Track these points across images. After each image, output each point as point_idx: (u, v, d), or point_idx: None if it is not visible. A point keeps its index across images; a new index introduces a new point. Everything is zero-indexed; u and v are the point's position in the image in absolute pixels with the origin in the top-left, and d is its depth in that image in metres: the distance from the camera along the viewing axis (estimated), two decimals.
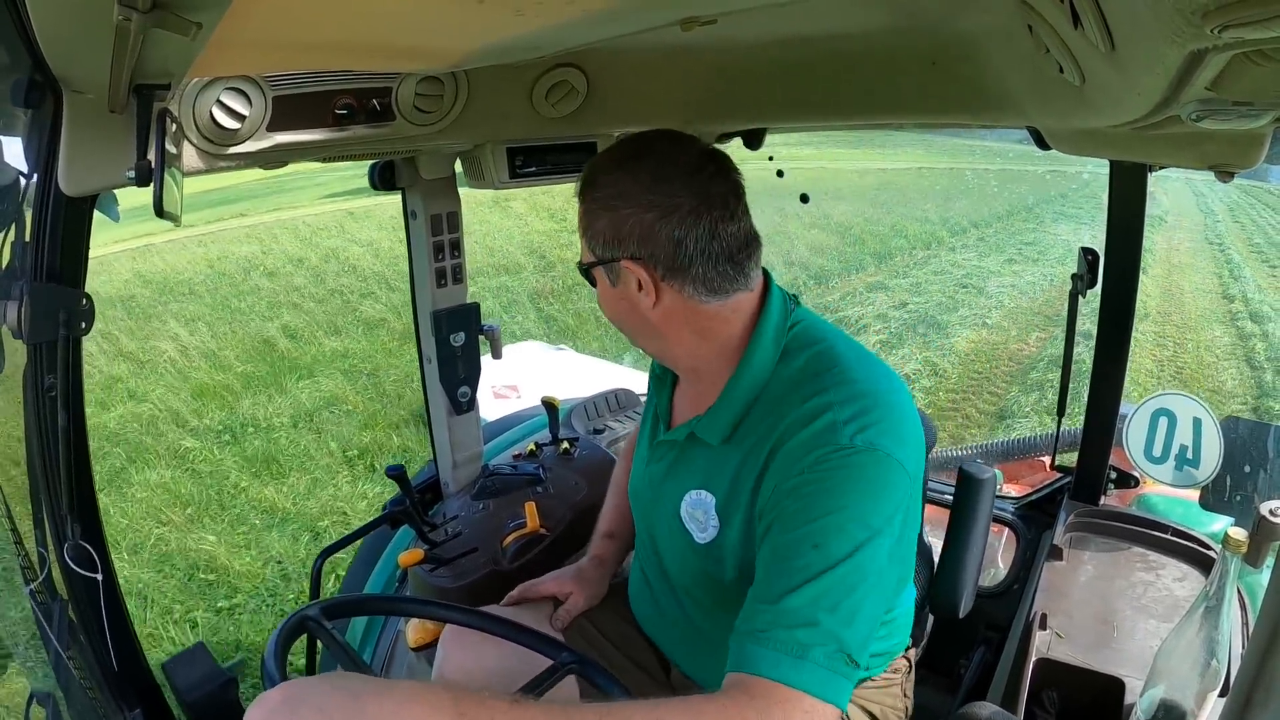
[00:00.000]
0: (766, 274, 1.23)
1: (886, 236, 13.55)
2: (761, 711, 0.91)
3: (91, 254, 1.16)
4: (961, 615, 1.56)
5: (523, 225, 13.30)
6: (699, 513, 1.23)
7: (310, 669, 1.86)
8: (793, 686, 0.92)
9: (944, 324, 9.27)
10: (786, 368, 1.18)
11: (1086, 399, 2.01)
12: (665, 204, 1.12)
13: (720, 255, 1.14)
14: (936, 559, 1.61)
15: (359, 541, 2.16)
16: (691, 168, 1.13)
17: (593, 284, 1.24)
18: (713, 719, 0.91)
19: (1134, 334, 1.93)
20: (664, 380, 1.38)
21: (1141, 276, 1.90)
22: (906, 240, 13.32)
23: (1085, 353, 2.06)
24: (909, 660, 1.42)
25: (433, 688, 0.87)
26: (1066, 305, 1.98)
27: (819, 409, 1.09)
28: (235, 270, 11.63)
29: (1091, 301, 1.94)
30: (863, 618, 0.99)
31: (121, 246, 12.64)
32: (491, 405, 3.87)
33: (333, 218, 15.03)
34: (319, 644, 1.97)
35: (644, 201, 1.13)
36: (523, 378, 4.50)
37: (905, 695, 1.41)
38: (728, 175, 1.15)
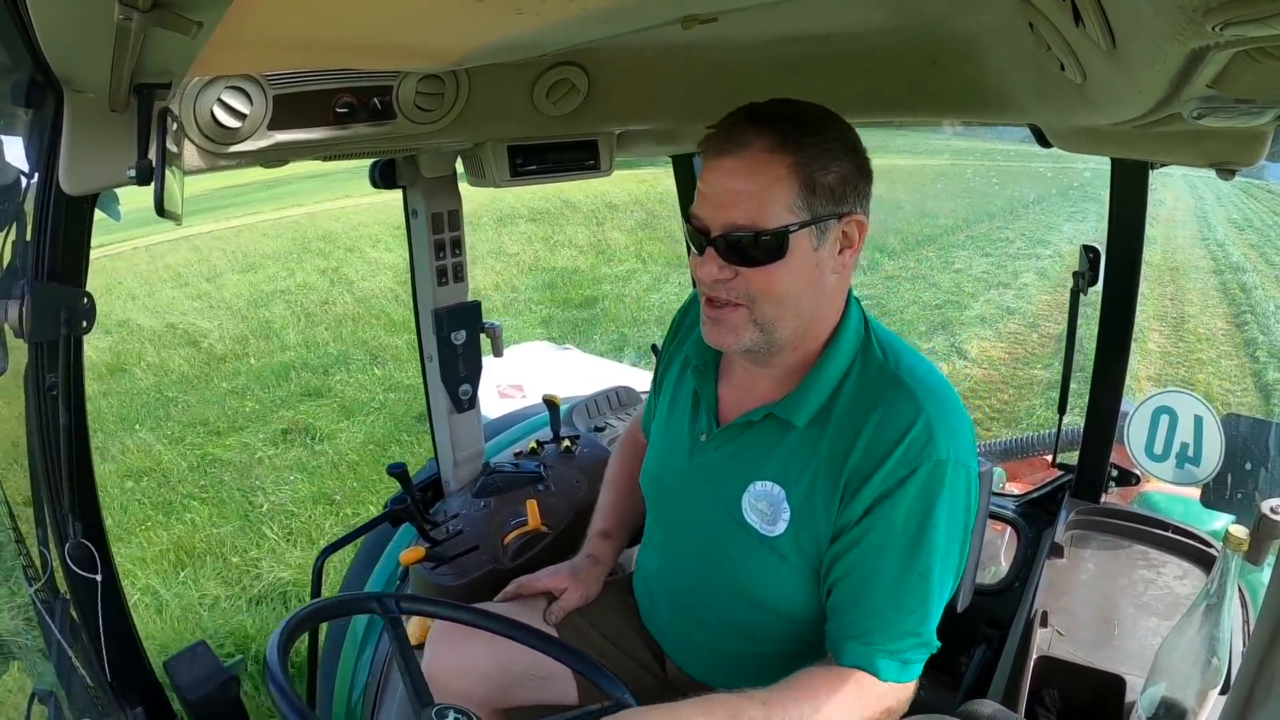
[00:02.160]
0: None
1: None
2: (891, 697, 1.16)
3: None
4: (960, 610, 1.56)
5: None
6: (764, 504, 1.22)
7: (312, 667, 1.87)
8: (901, 683, 1.16)
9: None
10: (867, 359, 1.20)
11: (1088, 397, 2.01)
12: (867, 165, 1.14)
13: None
14: None
15: (360, 539, 2.16)
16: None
17: (772, 256, 1.10)
18: (834, 710, 1.11)
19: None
20: (707, 372, 1.34)
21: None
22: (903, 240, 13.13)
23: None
24: None
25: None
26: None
27: (912, 415, 1.12)
28: None
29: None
30: (939, 612, 1.18)
31: None
32: (496, 405, 3.87)
33: None
34: (321, 642, 1.98)
35: (859, 155, 1.13)
36: (527, 377, 4.49)
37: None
38: None
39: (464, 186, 1.91)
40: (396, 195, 1.95)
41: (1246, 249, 14.45)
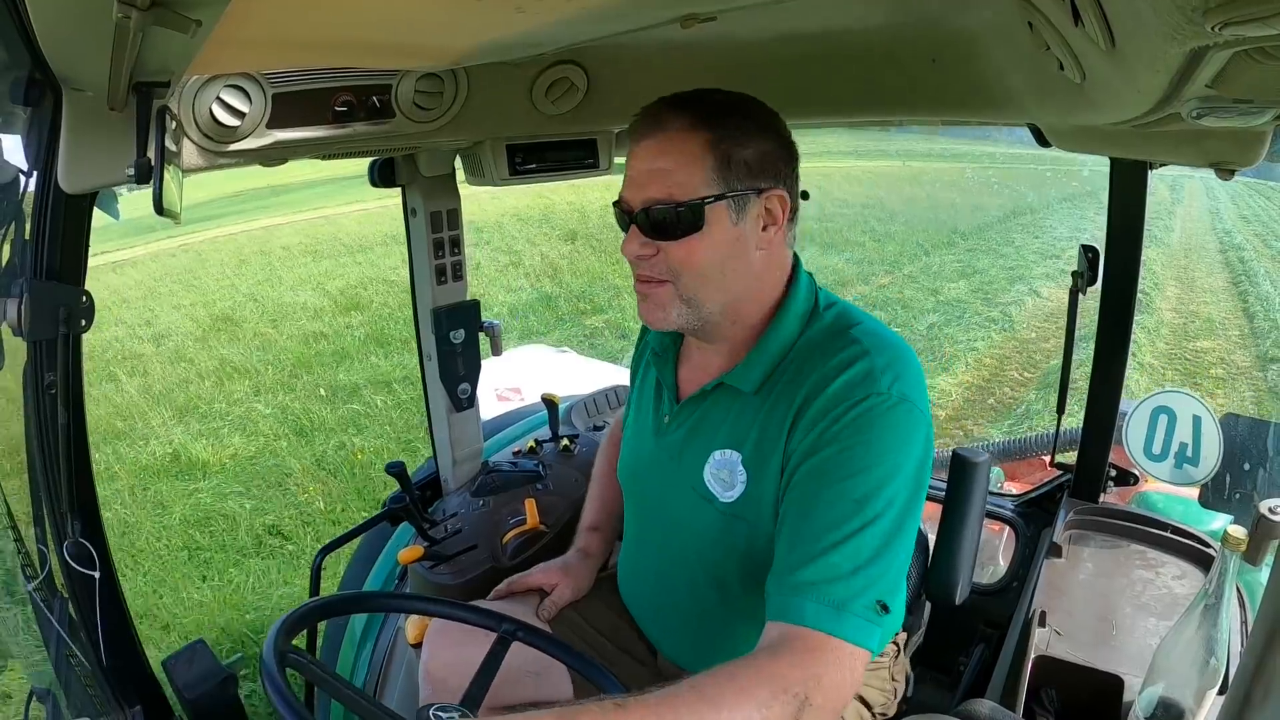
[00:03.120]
0: None
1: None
2: (818, 661, 0.98)
3: None
4: (958, 602, 1.56)
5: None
6: (724, 472, 1.23)
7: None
8: (832, 635, 0.99)
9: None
10: (814, 327, 1.22)
11: (1086, 397, 2.01)
12: (791, 146, 1.18)
13: (797, 211, 1.21)
14: (931, 548, 1.61)
15: (358, 538, 2.16)
16: (784, 122, 1.20)
17: (690, 228, 1.14)
18: (784, 674, 0.95)
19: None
20: (665, 356, 1.37)
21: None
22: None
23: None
24: (898, 645, 1.43)
25: (537, 715, 0.90)
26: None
27: (854, 356, 1.13)
28: None
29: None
30: (895, 567, 1.07)
31: None
32: (494, 408, 3.87)
33: None
34: (319, 641, 1.98)
35: (782, 136, 1.18)
36: (525, 380, 4.49)
37: (894, 679, 1.43)
38: None
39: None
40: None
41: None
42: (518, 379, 4.45)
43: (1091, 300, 1.93)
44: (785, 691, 0.93)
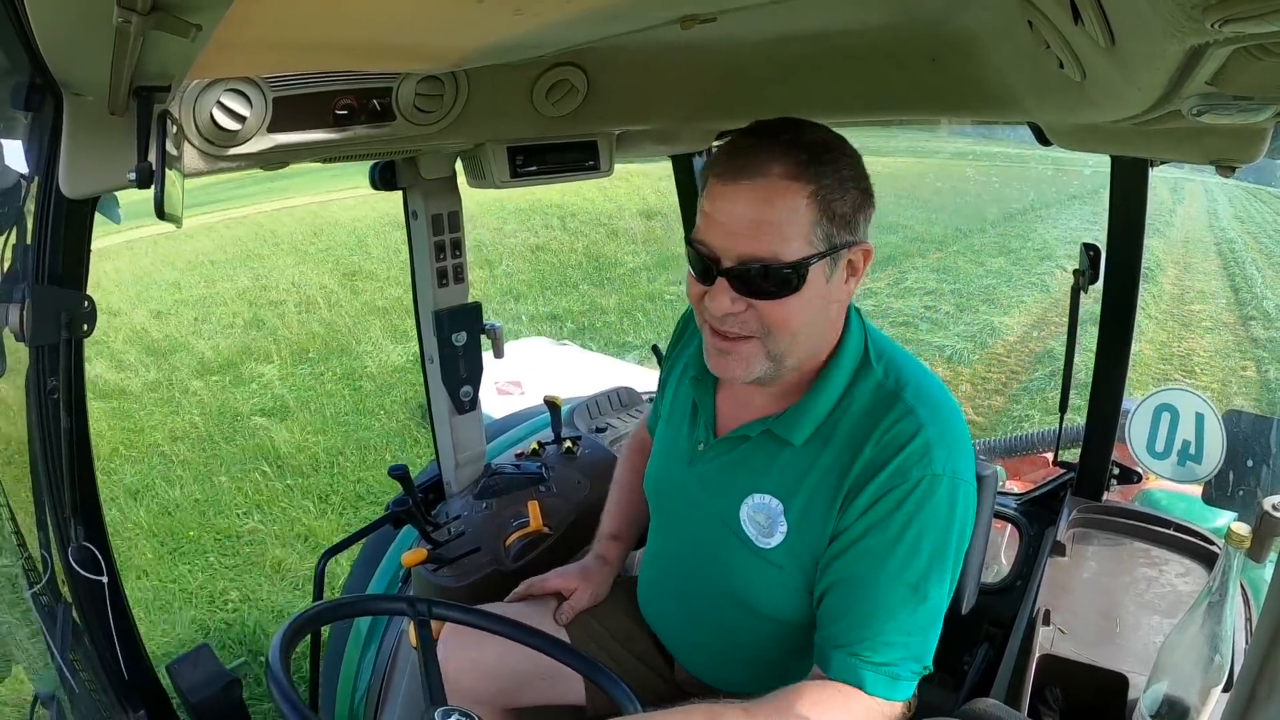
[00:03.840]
0: None
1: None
2: (856, 714, 1.10)
3: None
4: (964, 612, 1.56)
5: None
6: (761, 517, 1.22)
7: (314, 671, 1.87)
8: (890, 700, 1.12)
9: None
10: (867, 378, 1.19)
11: (1089, 395, 2.00)
12: (871, 191, 1.12)
13: None
14: None
15: (362, 541, 2.17)
16: None
17: (790, 289, 1.07)
18: None
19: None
20: (705, 382, 1.32)
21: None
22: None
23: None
24: None
25: None
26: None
27: (910, 431, 1.12)
28: None
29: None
30: (936, 632, 1.16)
31: None
32: (495, 401, 3.88)
33: None
34: (323, 645, 1.98)
35: (866, 180, 1.11)
36: (526, 374, 4.49)
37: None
38: None
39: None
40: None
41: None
42: (518, 372, 4.46)
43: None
44: None
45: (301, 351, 7.41)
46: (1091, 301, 1.92)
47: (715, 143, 1.86)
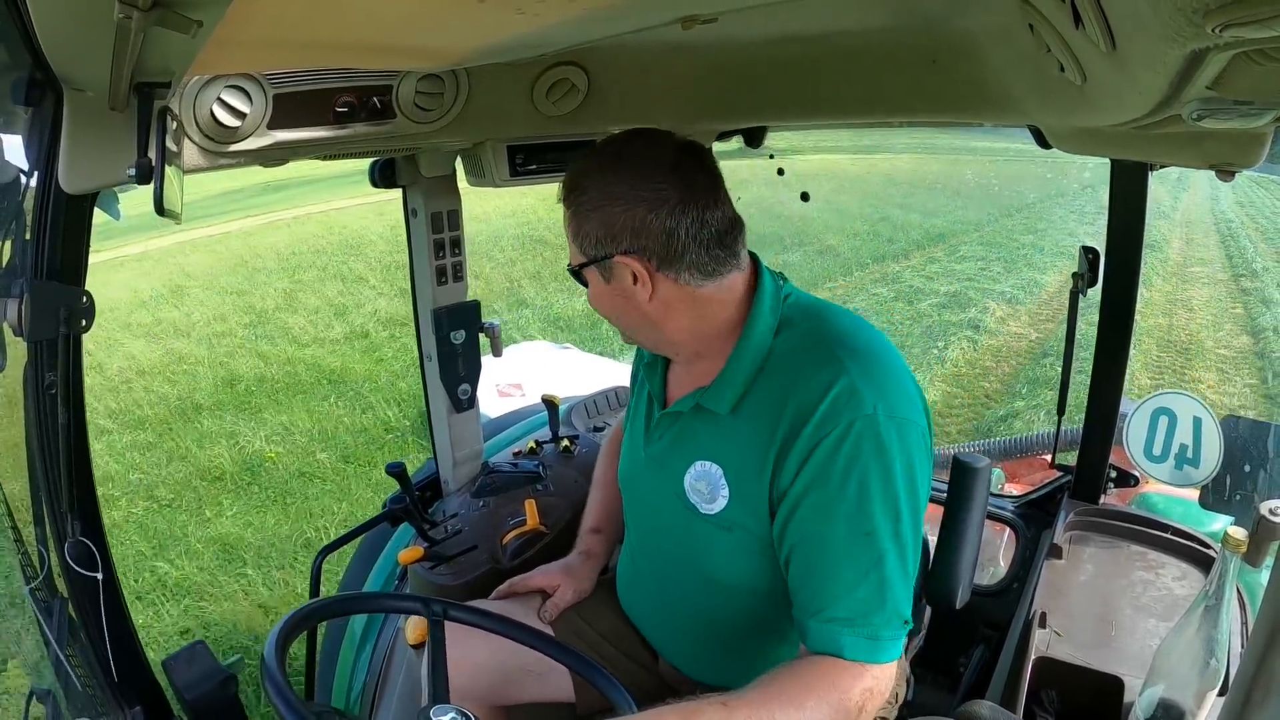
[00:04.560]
0: (754, 255, 1.28)
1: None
2: (867, 678, 1.10)
3: None
4: (958, 606, 1.56)
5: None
6: (703, 485, 1.25)
7: (310, 667, 1.87)
8: (876, 663, 1.10)
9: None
10: (788, 337, 1.22)
11: (1087, 398, 2.01)
12: (652, 198, 1.17)
13: (710, 240, 1.19)
14: (932, 552, 1.61)
15: (359, 539, 2.16)
16: (671, 162, 1.18)
17: (584, 284, 1.27)
18: (808, 703, 1.06)
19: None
20: (655, 366, 1.40)
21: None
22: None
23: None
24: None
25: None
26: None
27: (833, 376, 1.13)
28: None
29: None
30: (909, 580, 1.14)
31: None
32: (496, 404, 3.87)
33: None
34: (319, 642, 1.98)
35: (632, 197, 1.17)
36: (527, 376, 4.49)
37: (898, 692, 1.42)
38: (706, 166, 1.21)
39: None
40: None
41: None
42: (519, 375, 4.45)
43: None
44: (853, 708, 1.08)
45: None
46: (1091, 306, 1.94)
47: (715, 143, 1.86)
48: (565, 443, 2.23)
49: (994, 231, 14.31)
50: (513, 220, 13.16)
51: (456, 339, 2.03)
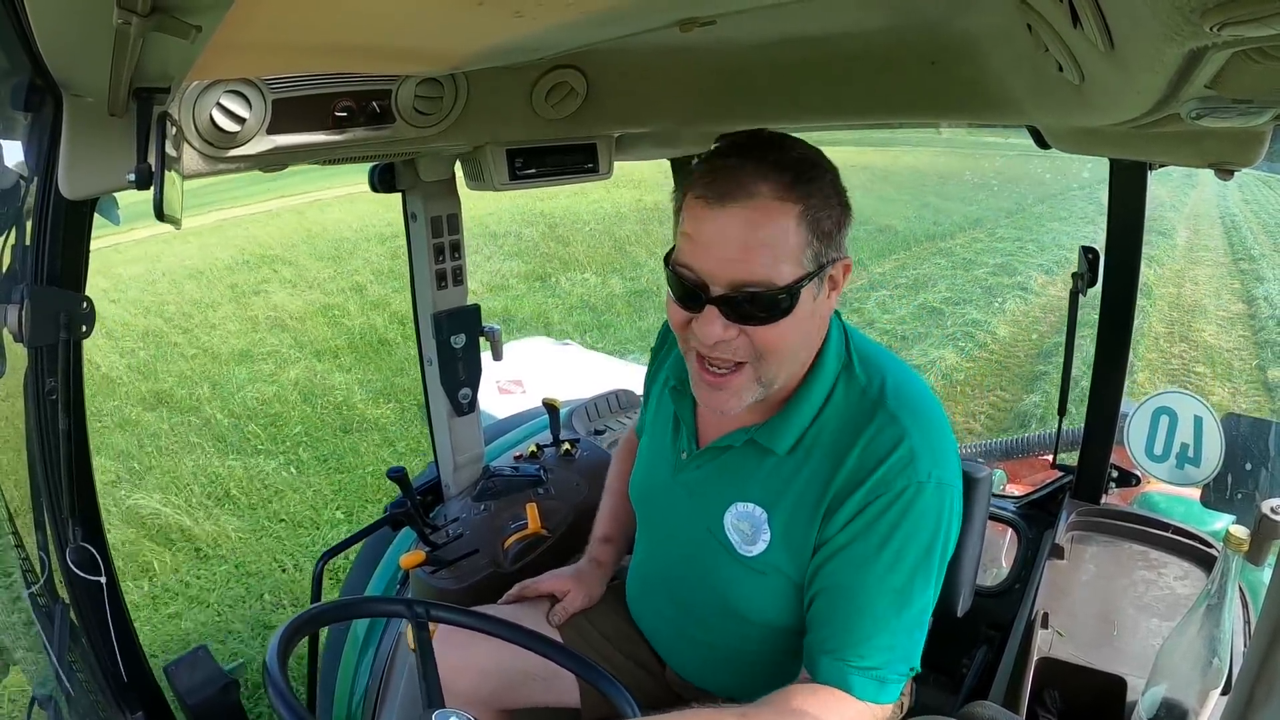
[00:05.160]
0: None
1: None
2: (842, 717, 1.10)
3: None
4: (959, 615, 1.56)
5: None
6: (745, 525, 1.22)
7: (312, 672, 1.86)
8: (877, 704, 1.12)
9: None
10: (850, 383, 1.18)
11: (1087, 398, 2.01)
12: (849, 204, 1.11)
13: None
14: None
15: (360, 543, 2.16)
16: None
17: (782, 313, 1.05)
18: None
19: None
20: (684, 391, 1.29)
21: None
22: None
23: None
24: None
25: None
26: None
27: (894, 440, 1.11)
28: None
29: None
30: (922, 634, 1.16)
31: None
32: (496, 400, 3.87)
33: None
34: (320, 647, 1.98)
35: (845, 195, 1.10)
36: (527, 373, 4.49)
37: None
38: None
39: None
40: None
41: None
42: (520, 372, 4.45)
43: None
44: None
45: None
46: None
47: (716, 145, 1.86)
48: (566, 446, 2.23)
49: (1024, 218, 15.79)
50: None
51: (457, 343, 2.03)
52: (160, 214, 0.90)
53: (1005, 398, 6.51)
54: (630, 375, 4.42)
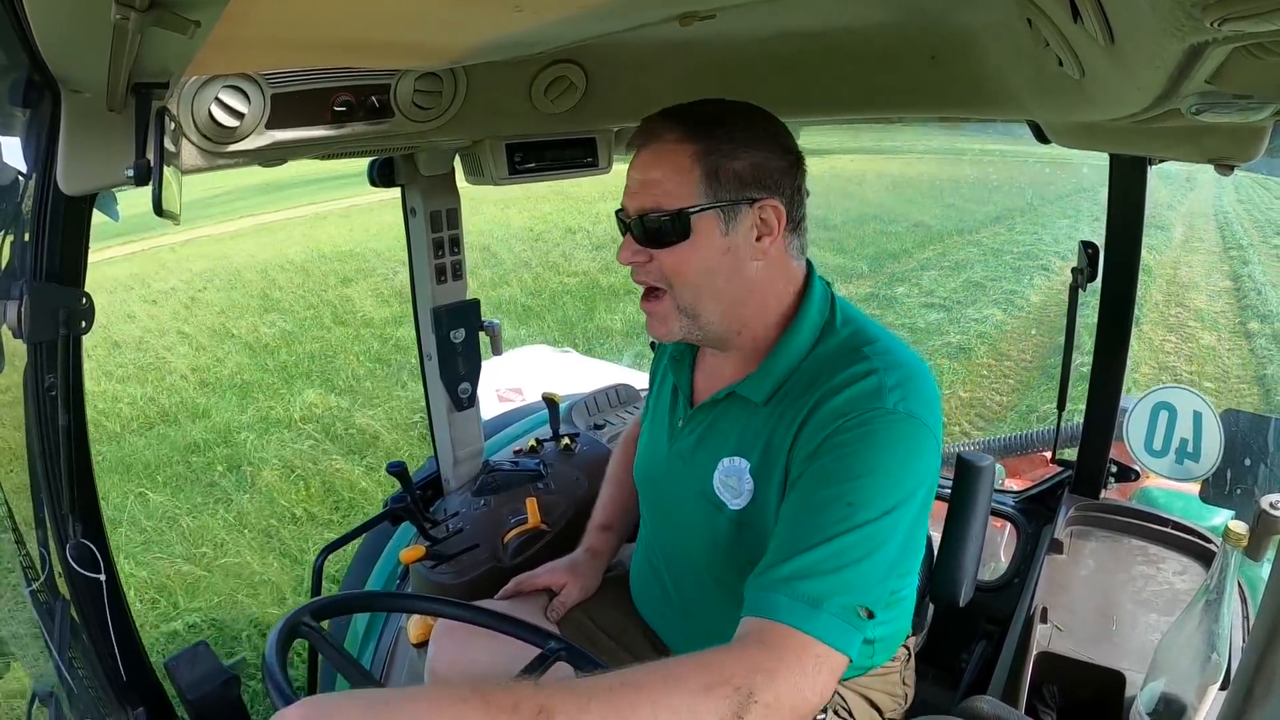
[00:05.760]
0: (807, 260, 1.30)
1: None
2: (773, 656, 0.92)
3: None
4: (961, 604, 1.56)
5: None
6: (732, 479, 1.23)
7: (312, 668, 1.87)
8: (806, 633, 0.94)
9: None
10: (827, 342, 1.21)
11: (1087, 393, 2.01)
12: (795, 155, 1.19)
13: (803, 218, 1.22)
14: (936, 550, 1.61)
15: (360, 538, 2.16)
16: (787, 131, 1.20)
17: (679, 237, 1.16)
18: (725, 665, 0.89)
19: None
20: (682, 360, 1.38)
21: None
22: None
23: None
24: (908, 649, 1.43)
25: (457, 686, 0.81)
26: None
27: (863, 372, 1.12)
28: None
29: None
30: (881, 575, 1.02)
31: None
32: (496, 408, 3.88)
33: None
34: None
35: (780, 146, 1.18)
36: (527, 380, 4.50)
37: (905, 684, 1.42)
38: None
39: None
40: None
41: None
42: (519, 379, 4.45)
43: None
44: (725, 683, 0.86)
45: None
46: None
47: None
48: (566, 441, 2.23)
49: (1037, 215, 17.11)
50: None
51: (456, 338, 2.03)
52: (159, 210, 0.90)
53: (1044, 341, 8.25)
54: (628, 380, 4.43)
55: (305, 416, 6.22)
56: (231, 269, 11.61)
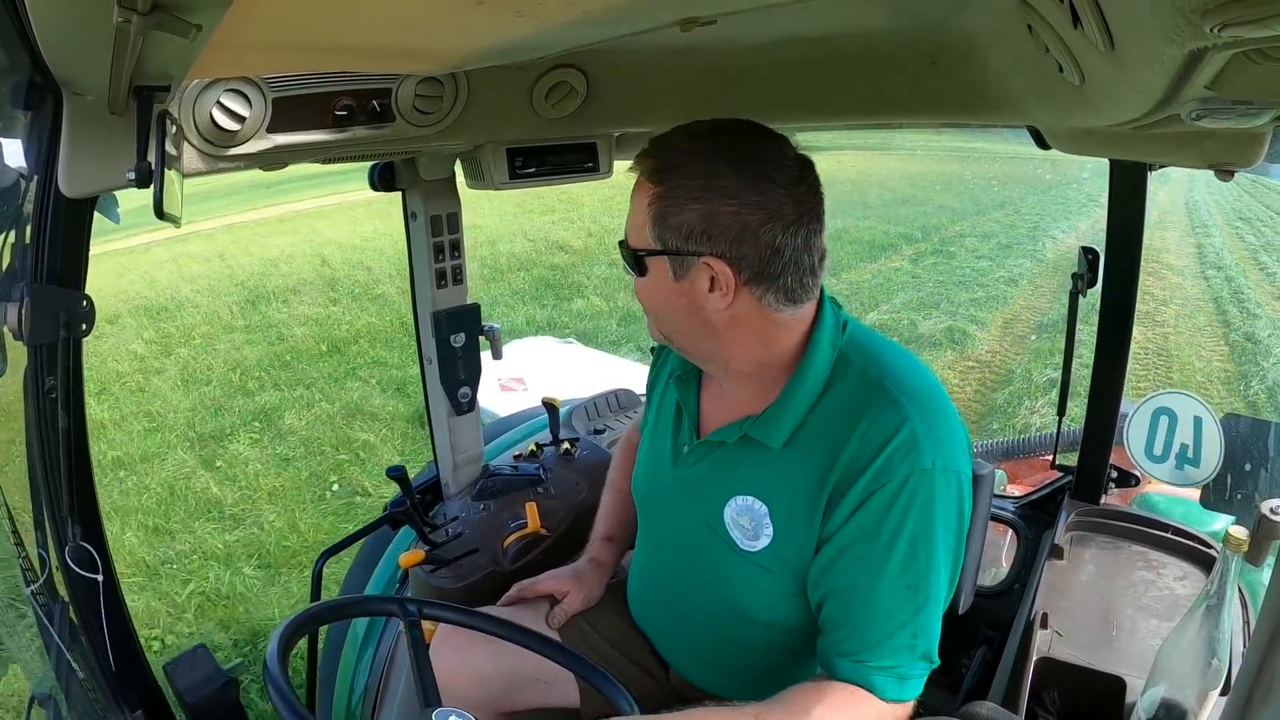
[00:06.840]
0: None
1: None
2: (862, 716, 1.10)
3: None
4: (962, 610, 1.56)
5: None
6: (745, 519, 1.21)
7: (311, 670, 1.87)
8: (896, 701, 1.12)
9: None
10: (846, 374, 1.17)
11: (1087, 398, 2.01)
12: (770, 208, 1.08)
13: (807, 267, 1.12)
14: None
15: (360, 542, 2.16)
16: (794, 176, 1.09)
17: (637, 270, 1.17)
18: None
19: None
20: (688, 380, 1.33)
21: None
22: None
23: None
24: None
25: None
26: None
27: (895, 425, 1.09)
28: None
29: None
30: (939, 625, 1.15)
31: None
32: (498, 398, 3.88)
33: None
34: (320, 645, 1.98)
35: (746, 200, 1.07)
36: (529, 371, 4.50)
37: None
38: (819, 187, 1.13)
39: None
40: None
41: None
42: (521, 369, 4.46)
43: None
44: None
45: None
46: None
47: None
48: (566, 445, 2.23)
49: (1037, 202, 18.44)
50: None
51: (456, 342, 2.03)
52: (160, 213, 0.90)
53: (1062, 280, 9.68)
54: (630, 373, 4.43)
55: None
56: None
